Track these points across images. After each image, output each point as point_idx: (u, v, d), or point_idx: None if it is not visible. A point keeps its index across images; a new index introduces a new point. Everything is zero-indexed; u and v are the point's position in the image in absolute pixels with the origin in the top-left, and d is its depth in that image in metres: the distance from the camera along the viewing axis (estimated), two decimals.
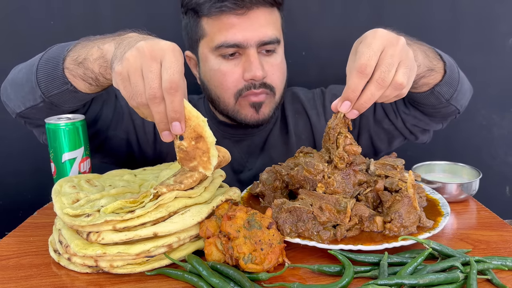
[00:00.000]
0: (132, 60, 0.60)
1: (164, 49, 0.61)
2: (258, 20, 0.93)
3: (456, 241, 0.71)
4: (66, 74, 0.76)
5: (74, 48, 0.77)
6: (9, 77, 0.87)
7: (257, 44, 0.93)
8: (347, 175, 0.71)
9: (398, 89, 0.65)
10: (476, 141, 1.38)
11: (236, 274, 0.57)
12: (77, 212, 0.61)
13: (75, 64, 0.76)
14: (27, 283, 0.60)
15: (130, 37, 0.68)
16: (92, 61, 0.73)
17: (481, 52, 1.31)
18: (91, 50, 0.73)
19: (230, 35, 0.92)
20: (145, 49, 0.60)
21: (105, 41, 0.73)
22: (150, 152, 1.06)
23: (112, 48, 0.69)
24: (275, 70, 0.97)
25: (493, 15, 1.28)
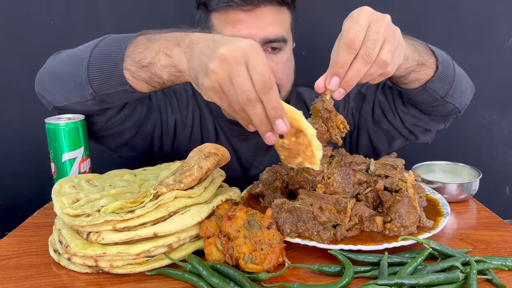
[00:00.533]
0: (219, 72, 0.58)
1: (244, 49, 0.58)
2: (265, 18, 0.93)
3: (456, 241, 0.71)
4: (126, 75, 0.73)
5: (135, 49, 0.73)
6: (47, 67, 0.84)
7: (262, 41, 0.93)
8: (347, 175, 0.71)
9: (382, 67, 0.65)
10: (476, 141, 1.38)
11: (236, 274, 0.57)
12: (77, 212, 0.61)
13: (138, 67, 0.72)
14: (27, 283, 0.60)
15: (199, 42, 0.64)
16: (159, 67, 0.70)
17: (481, 52, 1.31)
18: (157, 55, 0.70)
19: (235, 30, 0.93)
20: (227, 56, 0.58)
21: (168, 44, 0.69)
22: (169, 147, 1.08)
23: (183, 58, 0.66)
24: (280, 68, 0.98)
25: (493, 15, 1.28)
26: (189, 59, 0.65)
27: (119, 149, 1.02)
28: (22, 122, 1.27)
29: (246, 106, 0.58)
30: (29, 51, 1.24)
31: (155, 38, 0.73)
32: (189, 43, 0.66)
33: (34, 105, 1.25)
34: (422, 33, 1.29)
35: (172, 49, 0.68)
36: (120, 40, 0.75)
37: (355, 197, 0.72)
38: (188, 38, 0.67)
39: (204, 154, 0.70)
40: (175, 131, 1.07)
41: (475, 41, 1.30)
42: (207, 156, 0.70)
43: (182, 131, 1.07)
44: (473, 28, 1.29)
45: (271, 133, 0.61)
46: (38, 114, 0.98)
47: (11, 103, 1.27)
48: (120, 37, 0.76)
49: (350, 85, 0.65)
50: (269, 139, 0.61)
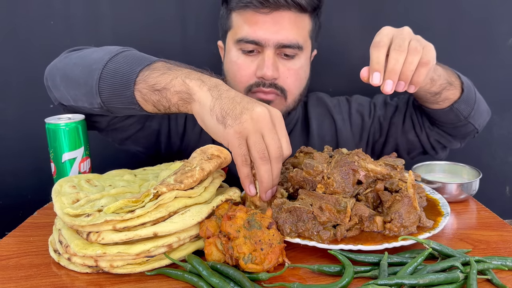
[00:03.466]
0: (251, 125, 0.65)
1: (277, 116, 0.68)
2: (282, 22, 0.94)
3: (456, 241, 0.71)
4: (136, 97, 0.74)
5: (151, 74, 0.73)
6: (60, 65, 0.85)
7: (275, 45, 0.94)
8: (346, 175, 0.71)
9: (417, 54, 0.71)
10: (476, 141, 1.38)
11: (236, 274, 0.57)
12: (77, 212, 0.61)
13: (150, 90, 0.73)
14: (27, 283, 0.60)
15: (228, 90, 0.70)
16: (172, 92, 0.72)
17: (481, 52, 1.31)
18: (173, 81, 0.72)
19: (251, 31, 0.94)
20: (264, 115, 0.66)
21: (190, 74, 0.72)
22: (178, 143, 1.09)
23: (206, 93, 0.69)
24: (291, 74, 0.98)
25: (493, 15, 1.28)
26: (216, 97, 0.68)
27: (123, 142, 1.03)
28: (22, 122, 1.27)
29: (275, 161, 0.67)
30: (29, 51, 1.24)
31: (174, 68, 0.74)
32: (215, 85, 0.70)
33: (34, 105, 1.26)
34: (422, 33, 1.29)
35: (193, 80, 0.71)
36: (136, 60, 0.76)
37: (355, 197, 0.72)
38: (213, 80, 0.72)
39: (207, 155, 0.70)
40: (184, 128, 1.08)
41: (475, 41, 1.30)
42: (210, 158, 0.70)
43: (192, 129, 1.08)
44: (473, 28, 1.29)
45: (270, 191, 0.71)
46: (38, 114, 0.99)
47: (11, 103, 1.27)
48: (137, 57, 0.77)
49: (395, 73, 0.70)
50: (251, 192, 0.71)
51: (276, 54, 0.96)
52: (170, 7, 1.24)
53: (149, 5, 1.24)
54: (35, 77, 1.25)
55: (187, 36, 1.27)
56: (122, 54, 0.78)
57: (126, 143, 1.04)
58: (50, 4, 1.22)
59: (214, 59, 1.27)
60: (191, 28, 1.26)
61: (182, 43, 1.27)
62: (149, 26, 1.25)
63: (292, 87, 1.00)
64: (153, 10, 1.24)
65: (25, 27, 1.23)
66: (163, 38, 1.26)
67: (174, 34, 1.26)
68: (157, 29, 1.26)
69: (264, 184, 0.68)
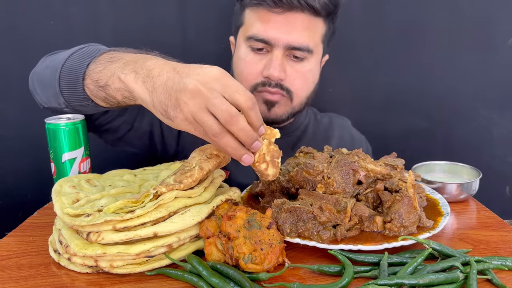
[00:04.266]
0: (191, 103, 0.59)
1: (216, 77, 0.60)
2: (294, 23, 0.93)
3: (456, 241, 0.71)
4: (87, 93, 0.75)
5: (94, 68, 0.73)
6: (37, 70, 0.87)
7: (285, 46, 0.93)
8: (347, 175, 0.71)
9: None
10: (476, 141, 1.38)
11: (236, 274, 0.57)
12: (77, 212, 0.61)
13: (96, 87, 0.73)
14: (27, 283, 0.60)
15: (160, 74, 0.63)
16: (113, 89, 0.70)
17: (481, 52, 1.31)
18: (111, 77, 0.70)
19: (261, 30, 0.94)
20: (199, 87, 0.59)
21: (124, 68, 0.68)
22: (174, 145, 1.08)
23: (142, 87, 0.65)
24: (298, 76, 0.97)
25: (493, 15, 1.28)
26: (151, 90, 0.63)
27: (116, 143, 1.03)
28: (22, 122, 1.27)
29: (230, 123, 0.59)
30: (28, 50, 1.24)
31: (115, 58, 0.72)
32: (147, 73, 0.65)
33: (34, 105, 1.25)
34: (422, 33, 1.30)
35: (127, 74, 0.67)
36: (86, 55, 0.76)
37: (355, 197, 0.72)
38: (146, 66, 0.66)
39: (206, 155, 0.70)
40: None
41: (475, 41, 1.30)
42: (208, 158, 0.70)
43: None
44: (473, 28, 1.29)
45: (247, 155, 0.63)
46: (38, 114, 0.98)
47: (11, 103, 1.27)
48: (88, 52, 0.77)
49: None
50: (246, 160, 0.63)
51: (285, 55, 0.95)
52: (170, 7, 1.24)
53: (149, 5, 1.24)
54: None
55: (187, 36, 1.27)
56: (80, 51, 0.78)
57: (119, 144, 1.04)
58: (50, 4, 1.21)
59: (214, 59, 1.27)
60: (191, 28, 1.26)
61: (182, 43, 1.27)
62: (149, 26, 1.25)
63: (299, 89, 0.99)
64: (153, 10, 1.24)
65: (25, 27, 1.23)
66: (163, 38, 1.26)
67: (174, 34, 1.26)
68: (157, 29, 1.26)
69: (244, 139, 0.61)
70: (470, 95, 1.33)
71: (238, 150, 0.62)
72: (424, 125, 1.37)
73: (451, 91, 1.33)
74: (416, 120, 1.37)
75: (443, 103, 1.35)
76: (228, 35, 1.22)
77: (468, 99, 1.34)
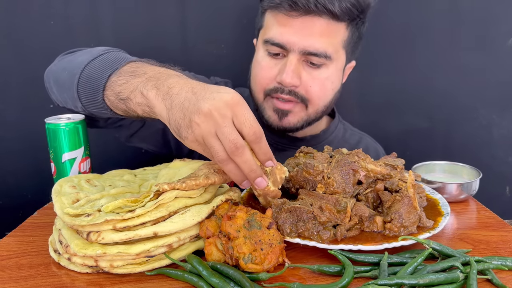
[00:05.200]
0: (203, 126, 0.60)
1: (229, 104, 0.60)
2: (311, 28, 0.89)
3: (456, 241, 0.71)
4: (107, 103, 0.75)
5: (117, 80, 0.73)
6: (54, 68, 0.86)
7: (300, 51, 0.90)
8: (347, 175, 0.71)
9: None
10: (476, 141, 1.38)
11: (236, 274, 0.57)
12: (77, 212, 0.61)
13: (117, 99, 0.73)
14: (27, 283, 0.60)
15: (179, 92, 0.64)
16: (135, 104, 0.70)
17: (481, 52, 1.31)
18: (133, 92, 0.70)
19: (278, 34, 0.91)
20: (212, 112, 0.59)
21: (146, 84, 0.68)
22: None
23: (161, 104, 0.65)
24: (315, 83, 0.93)
25: (493, 15, 1.28)
26: (168, 108, 0.64)
27: (129, 140, 1.02)
28: (22, 122, 1.27)
29: (234, 154, 0.61)
30: (28, 51, 1.24)
31: (138, 72, 0.72)
32: (168, 90, 0.65)
33: (34, 105, 1.26)
34: (422, 33, 1.30)
35: (149, 90, 0.67)
36: (107, 64, 0.75)
37: (355, 197, 0.72)
38: (167, 83, 0.66)
39: (214, 169, 0.70)
40: None
41: (475, 41, 1.30)
42: (216, 172, 0.69)
43: None
44: (473, 28, 1.29)
45: (261, 178, 0.64)
46: (38, 114, 0.99)
47: (10, 103, 1.27)
48: (110, 60, 0.76)
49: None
50: (260, 184, 0.65)
51: (302, 61, 0.92)
52: (170, 8, 1.24)
53: (149, 6, 1.24)
54: (35, 77, 1.25)
55: (187, 36, 1.27)
56: (101, 57, 0.77)
57: (132, 141, 1.03)
58: (50, 4, 1.22)
59: (214, 59, 1.27)
60: (191, 28, 1.26)
61: (182, 44, 1.27)
62: (149, 26, 1.25)
63: (314, 97, 0.95)
64: (153, 11, 1.24)
65: (25, 27, 1.23)
66: (163, 38, 1.26)
67: (174, 34, 1.26)
68: (157, 29, 1.26)
69: (247, 171, 0.63)
70: (470, 95, 1.33)
71: (239, 177, 0.64)
72: (424, 125, 1.37)
73: (451, 91, 1.33)
74: (416, 120, 1.37)
75: (443, 103, 1.35)
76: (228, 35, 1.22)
77: (468, 99, 1.34)
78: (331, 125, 1.10)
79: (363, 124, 1.30)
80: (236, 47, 1.27)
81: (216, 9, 1.25)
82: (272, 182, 0.68)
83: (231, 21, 1.25)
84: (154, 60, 0.78)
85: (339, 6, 0.88)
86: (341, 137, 1.12)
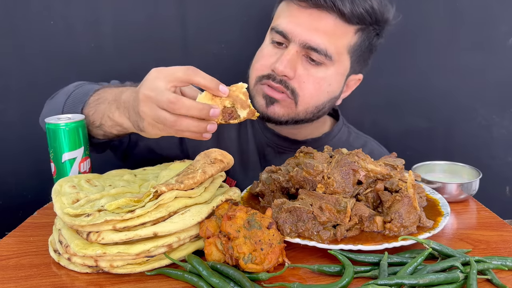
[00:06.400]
0: (146, 109, 0.67)
1: (154, 76, 0.67)
2: (317, 23, 0.87)
3: (456, 241, 0.71)
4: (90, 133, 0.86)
5: (88, 112, 0.85)
6: (44, 113, 0.94)
7: (301, 43, 0.88)
8: (347, 175, 0.71)
9: None
10: (476, 141, 1.38)
11: (236, 274, 0.57)
12: (77, 212, 0.61)
13: (93, 127, 0.85)
14: (27, 283, 0.60)
15: (128, 100, 0.75)
16: (108, 127, 0.82)
17: (481, 52, 1.31)
18: (103, 118, 0.82)
19: (283, 22, 0.90)
20: (145, 93, 0.66)
21: (110, 108, 0.80)
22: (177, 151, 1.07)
23: (124, 119, 0.77)
24: (309, 80, 0.91)
25: (493, 15, 1.28)
26: (128, 117, 0.76)
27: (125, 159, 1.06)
28: (22, 122, 1.27)
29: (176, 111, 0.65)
30: (28, 51, 1.24)
31: (101, 100, 0.84)
32: (124, 105, 0.77)
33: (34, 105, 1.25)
34: (422, 33, 1.30)
35: (113, 112, 0.79)
36: (77, 100, 0.86)
37: (355, 197, 0.72)
38: (122, 100, 0.77)
39: (210, 159, 0.70)
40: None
41: (475, 41, 1.30)
42: (213, 162, 0.70)
43: None
44: (473, 28, 1.29)
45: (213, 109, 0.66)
46: (38, 114, 0.98)
47: (11, 103, 1.27)
48: (78, 96, 0.87)
49: None
50: (215, 113, 0.66)
51: (302, 55, 0.90)
52: (170, 8, 1.24)
53: (149, 5, 1.24)
54: (35, 78, 1.25)
55: (186, 36, 1.27)
56: (73, 95, 0.88)
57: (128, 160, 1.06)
58: (50, 4, 1.22)
59: (214, 59, 1.27)
60: (191, 27, 1.26)
61: (182, 43, 1.27)
62: (149, 26, 1.25)
63: (306, 93, 0.91)
64: (153, 11, 1.24)
65: (25, 27, 1.23)
66: (163, 37, 1.26)
67: (174, 33, 1.26)
68: (157, 28, 1.25)
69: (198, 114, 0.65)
70: (470, 95, 1.33)
71: (200, 126, 0.66)
72: (424, 125, 1.37)
73: (451, 91, 1.33)
74: (416, 120, 1.37)
75: (443, 103, 1.35)
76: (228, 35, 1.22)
77: (468, 99, 1.34)
78: (335, 128, 1.08)
79: (363, 124, 1.30)
80: (236, 46, 1.27)
81: (216, 9, 1.25)
82: (240, 107, 0.68)
83: (231, 20, 1.25)
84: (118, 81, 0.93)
85: (351, 7, 0.86)
86: (345, 140, 1.10)
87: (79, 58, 1.25)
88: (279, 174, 0.77)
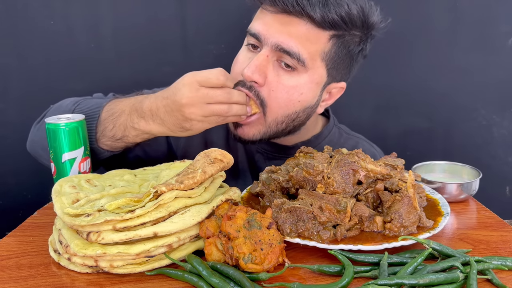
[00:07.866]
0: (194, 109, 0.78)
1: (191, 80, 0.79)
2: (289, 27, 0.82)
3: (456, 241, 0.71)
4: (105, 148, 0.89)
5: (104, 128, 0.87)
6: (35, 139, 0.94)
7: (273, 45, 0.83)
8: (347, 175, 0.71)
9: None
10: (476, 141, 1.38)
11: (236, 274, 0.57)
12: (77, 212, 0.61)
13: (113, 141, 0.88)
14: (27, 283, 0.60)
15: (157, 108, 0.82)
16: (132, 137, 0.86)
17: (481, 52, 1.31)
18: (126, 130, 0.86)
19: (256, 24, 0.86)
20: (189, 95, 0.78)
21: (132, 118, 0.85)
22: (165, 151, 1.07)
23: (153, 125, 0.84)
24: (279, 89, 0.85)
25: (493, 15, 1.28)
26: (161, 123, 0.82)
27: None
28: (21, 122, 1.27)
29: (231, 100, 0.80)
30: (28, 50, 1.24)
31: (117, 113, 0.86)
32: (150, 113, 0.83)
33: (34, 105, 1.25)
34: (422, 33, 1.30)
35: (138, 122, 0.84)
36: (90, 119, 0.87)
37: (355, 197, 0.72)
38: (144, 108, 0.83)
39: (210, 159, 0.70)
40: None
41: (475, 41, 1.30)
42: (212, 162, 0.70)
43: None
44: (473, 28, 1.29)
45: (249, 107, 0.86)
46: (38, 114, 0.98)
47: (11, 103, 1.27)
48: (91, 114, 0.87)
49: None
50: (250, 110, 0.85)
51: (275, 60, 0.85)
52: (170, 8, 1.24)
53: (149, 5, 1.24)
54: (35, 77, 1.25)
55: (187, 36, 1.27)
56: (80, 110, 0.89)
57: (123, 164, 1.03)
58: (50, 4, 1.22)
59: (214, 59, 1.27)
60: (191, 28, 1.26)
61: (182, 43, 1.27)
62: (149, 26, 1.25)
63: (274, 103, 0.86)
64: (153, 10, 1.24)
65: (25, 27, 1.23)
66: (163, 38, 1.26)
67: (174, 34, 1.26)
68: (157, 29, 1.26)
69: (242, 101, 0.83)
70: (470, 95, 1.33)
71: (244, 108, 0.84)
72: (424, 125, 1.37)
73: (451, 91, 1.33)
74: (416, 120, 1.37)
75: (443, 103, 1.35)
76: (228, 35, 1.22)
77: (468, 99, 1.34)
78: (324, 130, 1.05)
79: (363, 125, 1.30)
80: (236, 47, 1.26)
81: (216, 9, 1.25)
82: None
83: (231, 21, 1.25)
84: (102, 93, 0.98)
85: (322, 13, 0.80)
86: (336, 142, 1.06)
87: (79, 58, 1.25)
88: (279, 174, 0.77)
